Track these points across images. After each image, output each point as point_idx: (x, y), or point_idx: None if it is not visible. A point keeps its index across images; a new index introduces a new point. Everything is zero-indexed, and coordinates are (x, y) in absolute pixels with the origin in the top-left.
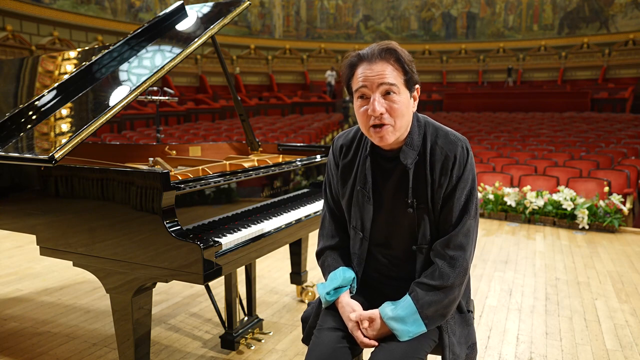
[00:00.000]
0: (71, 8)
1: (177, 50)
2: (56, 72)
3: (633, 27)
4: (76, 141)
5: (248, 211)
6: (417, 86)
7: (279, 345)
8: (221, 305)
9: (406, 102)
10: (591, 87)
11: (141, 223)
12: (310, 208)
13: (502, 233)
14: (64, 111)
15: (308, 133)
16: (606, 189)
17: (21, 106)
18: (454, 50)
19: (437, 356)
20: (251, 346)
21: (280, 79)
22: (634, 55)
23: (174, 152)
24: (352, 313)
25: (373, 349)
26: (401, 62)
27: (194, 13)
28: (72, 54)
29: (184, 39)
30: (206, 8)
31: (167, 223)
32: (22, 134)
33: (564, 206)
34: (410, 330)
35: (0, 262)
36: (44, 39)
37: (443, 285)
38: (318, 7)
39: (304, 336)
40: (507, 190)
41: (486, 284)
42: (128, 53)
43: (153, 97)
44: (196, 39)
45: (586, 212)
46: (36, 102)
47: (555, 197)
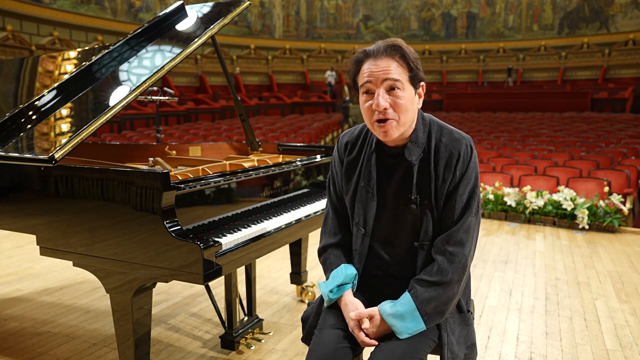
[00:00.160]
0: (71, 8)
1: (177, 50)
2: (56, 72)
3: (633, 27)
4: (76, 141)
5: (248, 211)
6: (423, 83)
7: (279, 345)
8: (221, 305)
9: (410, 98)
10: (591, 87)
11: (141, 223)
12: (310, 208)
13: (502, 233)
14: (64, 111)
15: (308, 133)
16: (606, 189)
17: (21, 106)
18: (454, 50)
19: (438, 356)
20: (251, 346)
21: (280, 79)
22: (634, 55)
23: (174, 152)
24: (352, 312)
25: (373, 349)
26: (406, 59)
27: (194, 13)
28: (72, 54)
29: (184, 39)
30: (206, 8)
31: (167, 223)
32: (22, 134)
33: (564, 206)
34: (409, 326)
35: (0, 262)
36: (44, 39)
37: (442, 281)
38: (318, 7)
39: (304, 335)
40: (507, 190)
41: (486, 284)
42: (128, 53)
43: (153, 97)
44: (196, 39)
45: (586, 212)
46: (36, 102)
47: (555, 197)
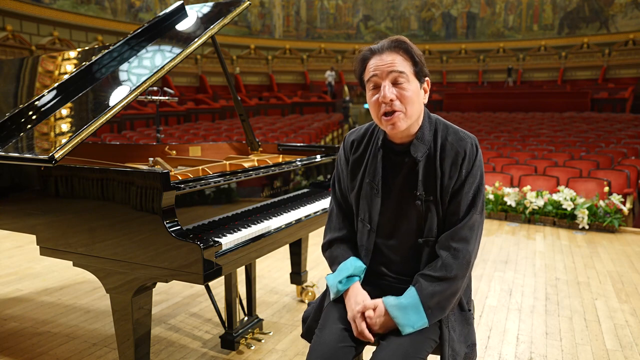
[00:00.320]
0: (71, 8)
1: (177, 50)
2: (56, 72)
3: (633, 27)
4: (76, 141)
5: (248, 211)
6: (427, 79)
7: (279, 345)
8: (221, 305)
9: (416, 91)
10: (591, 87)
11: (141, 223)
12: (310, 208)
13: (502, 233)
14: (64, 111)
15: (308, 133)
16: (606, 189)
17: (21, 106)
18: (454, 50)
19: (437, 356)
20: (251, 346)
21: (280, 79)
22: (634, 55)
23: (174, 152)
24: (358, 305)
25: (374, 349)
26: (410, 53)
27: (194, 13)
28: (72, 54)
29: (184, 39)
30: (206, 8)
31: (167, 223)
32: (22, 134)
33: (564, 206)
34: (411, 319)
35: (0, 262)
36: (44, 39)
37: (446, 276)
38: (318, 7)
39: (304, 331)
40: (507, 190)
41: (486, 284)
42: (128, 53)
43: (153, 97)
44: (196, 39)
45: (586, 212)
46: (36, 102)
47: (555, 197)
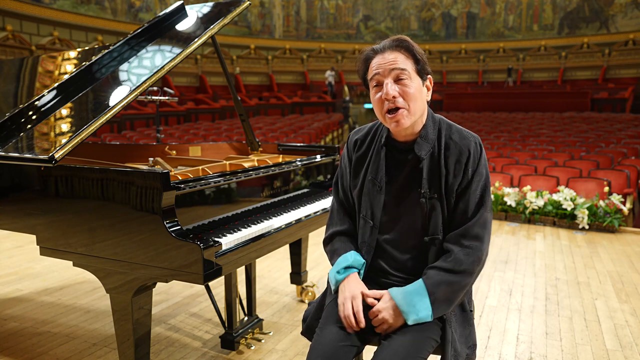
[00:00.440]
0: (71, 8)
1: (177, 50)
2: (56, 72)
3: (633, 27)
4: (76, 141)
5: (248, 211)
6: (430, 77)
7: (279, 345)
8: (221, 305)
9: (419, 88)
10: (591, 87)
11: (141, 223)
12: (310, 208)
13: (502, 233)
14: (64, 111)
15: (308, 133)
16: (606, 189)
17: (21, 106)
18: (454, 50)
19: (437, 356)
20: (251, 346)
21: (280, 79)
22: (634, 55)
23: (174, 152)
24: (349, 292)
25: (376, 349)
26: (412, 51)
27: (194, 13)
28: (72, 54)
29: (184, 39)
30: (206, 8)
31: (167, 223)
32: (22, 134)
33: (564, 206)
34: (416, 306)
35: (0, 262)
36: (44, 39)
37: (454, 269)
38: (318, 7)
39: (304, 330)
40: (507, 190)
41: (486, 284)
42: (128, 53)
43: (153, 97)
44: (196, 39)
45: (586, 212)
46: (36, 102)
47: (555, 197)
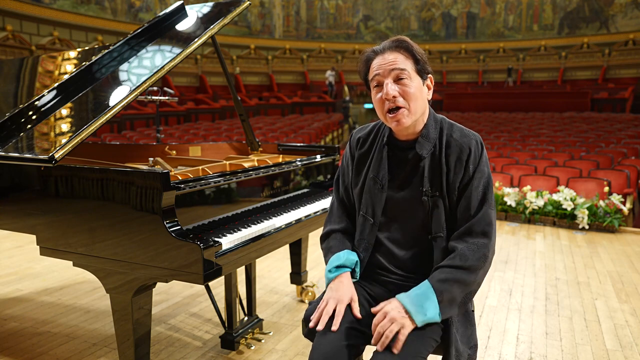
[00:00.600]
0: (71, 8)
1: (177, 50)
2: (56, 72)
3: (633, 27)
4: (76, 141)
5: (248, 211)
6: (430, 76)
7: (279, 345)
8: (221, 305)
9: (419, 87)
10: (591, 87)
11: (141, 223)
12: (310, 208)
13: (502, 233)
14: (64, 111)
15: (308, 133)
16: (606, 189)
17: (21, 106)
18: (454, 50)
19: (438, 356)
20: (251, 346)
21: (280, 79)
22: (634, 55)
23: (174, 152)
24: (336, 293)
25: (375, 349)
26: (411, 51)
27: (194, 13)
28: (72, 54)
29: (184, 39)
30: (206, 8)
31: (167, 223)
32: (22, 134)
33: (564, 206)
34: (423, 305)
35: (0, 262)
36: (44, 39)
37: (460, 265)
38: (318, 7)
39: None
40: (507, 190)
41: (486, 284)
42: (128, 53)
43: (153, 97)
44: (196, 39)
45: (586, 212)
46: (36, 102)
47: (555, 197)
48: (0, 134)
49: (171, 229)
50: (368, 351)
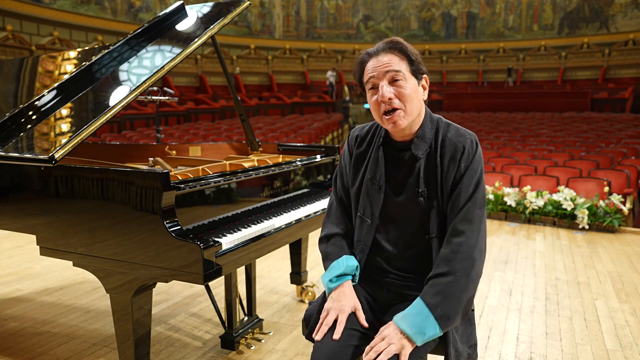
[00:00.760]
0: (71, 8)
1: (177, 50)
2: (56, 72)
3: (633, 27)
4: (76, 141)
5: (248, 211)
6: (425, 76)
7: (279, 345)
8: (221, 305)
9: (414, 88)
10: (591, 87)
11: (141, 223)
12: (310, 208)
13: (502, 233)
14: (64, 111)
15: (308, 133)
16: (606, 189)
17: (21, 106)
18: (454, 50)
19: (437, 356)
20: (251, 346)
21: (280, 79)
22: (634, 55)
23: (174, 152)
24: (338, 303)
25: None
26: (405, 52)
27: (194, 13)
28: (72, 54)
29: (184, 39)
30: (206, 8)
31: (167, 223)
32: (22, 134)
33: (564, 206)
34: (420, 325)
35: (0, 262)
36: (44, 39)
37: (447, 271)
38: (318, 7)
39: (308, 332)
40: (507, 190)
41: (486, 284)
42: (128, 53)
43: (153, 97)
44: (196, 39)
45: (586, 212)
46: (36, 102)
47: (555, 197)
48: (0, 134)
49: (171, 229)
50: None
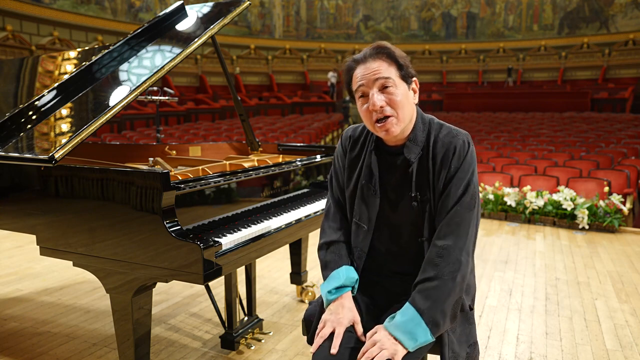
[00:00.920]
0: (71, 8)
1: (177, 50)
2: (56, 72)
3: (633, 27)
4: (76, 141)
5: (248, 211)
6: (415, 79)
7: (279, 345)
8: (221, 305)
9: (405, 93)
10: (591, 87)
11: (141, 223)
12: (310, 208)
13: (502, 233)
14: (64, 111)
15: (308, 133)
16: (606, 189)
17: (21, 106)
18: (454, 50)
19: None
20: (251, 346)
21: (280, 79)
22: (634, 55)
23: (174, 152)
24: (336, 316)
25: None
26: (393, 57)
27: (194, 13)
28: (72, 54)
29: (184, 39)
30: (206, 8)
31: (167, 223)
32: (22, 134)
33: (564, 206)
34: (411, 332)
35: (0, 262)
36: (44, 39)
37: (434, 275)
38: (318, 7)
39: (309, 337)
40: (507, 190)
41: (486, 284)
42: (128, 53)
43: (153, 97)
44: (196, 39)
45: (586, 212)
46: (36, 102)
47: (555, 197)
48: (0, 134)
49: (171, 229)
50: None
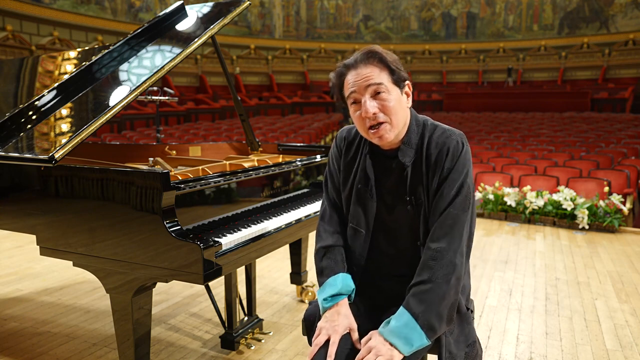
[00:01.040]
0: (71, 8)
1: (177, 50)
2: (56, 72)
3: (633, 27)
4: (76, 141)
5: (248, 211)
6: (408, 82)
7: (279, 345)
8: (221, 305)
9: (398, 98)
10: (591, 87)
11: (141, 223)
12: (310, 208)
13: (502, 233)
14: (64, 111)
15: (308, 133)
16: (606, 189)
17: (21, 106)
18: (454, 50)
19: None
20: (251, 346)
21: (280, 79)
22: (634, 55)
23: (174, 152)
24: (331, 323)
25: None
26: (385, 62)
27: (194, 13)
28: (72, 54)
29: (184, 39)
30: (206, 8)
31: (167, 223)
32: (22, 134)
33: (564, 206)
34: (407, 337)
35: (0, 262)
36: (44, 39)
37: (428, 278)
38: (318, 7)
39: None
40: (507, 190)
41: (486, 284)
42: (128, 53)
43: (153, 97)
44: (196, 39)
45: (586, 212)
46: (36, 102)
47: (555, 197)
48: (0, 134)
49: (171, 229)
50: None
